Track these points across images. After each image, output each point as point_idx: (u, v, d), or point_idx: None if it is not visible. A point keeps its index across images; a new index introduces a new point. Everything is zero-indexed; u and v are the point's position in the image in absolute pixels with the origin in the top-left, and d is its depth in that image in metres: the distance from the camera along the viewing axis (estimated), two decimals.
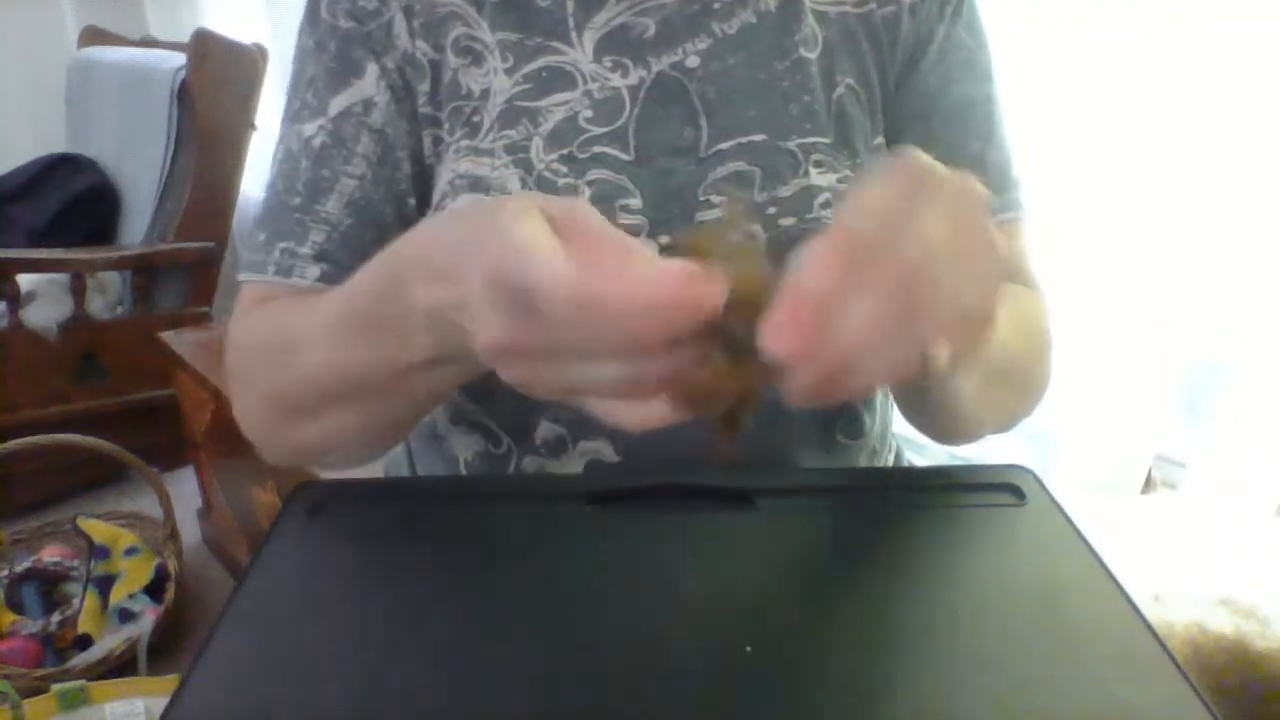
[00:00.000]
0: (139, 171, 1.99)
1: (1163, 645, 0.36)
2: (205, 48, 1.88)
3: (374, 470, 0.80)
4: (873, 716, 0.33)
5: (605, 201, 0.52)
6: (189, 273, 1.94)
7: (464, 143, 0.54)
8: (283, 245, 0.55)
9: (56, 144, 2.17)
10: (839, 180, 0.54)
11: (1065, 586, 0.40)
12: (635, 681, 0.34)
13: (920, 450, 1.61)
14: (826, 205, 0.53)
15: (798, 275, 0.29)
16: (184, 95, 1.89)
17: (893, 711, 0.33)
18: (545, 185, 0.52)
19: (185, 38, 1.91)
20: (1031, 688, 0.34)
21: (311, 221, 0.54)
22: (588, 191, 0.52)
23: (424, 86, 0.55)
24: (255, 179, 2.15)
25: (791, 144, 0.54)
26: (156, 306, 1.91)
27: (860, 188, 0.31)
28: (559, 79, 0.54)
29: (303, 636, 0.37)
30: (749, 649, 0.36)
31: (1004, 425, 0.57)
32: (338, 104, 0.55)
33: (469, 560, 0.43)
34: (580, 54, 0.54)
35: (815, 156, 0.54)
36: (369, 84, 0.55)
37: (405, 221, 0.56)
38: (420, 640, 0.37)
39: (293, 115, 0.57)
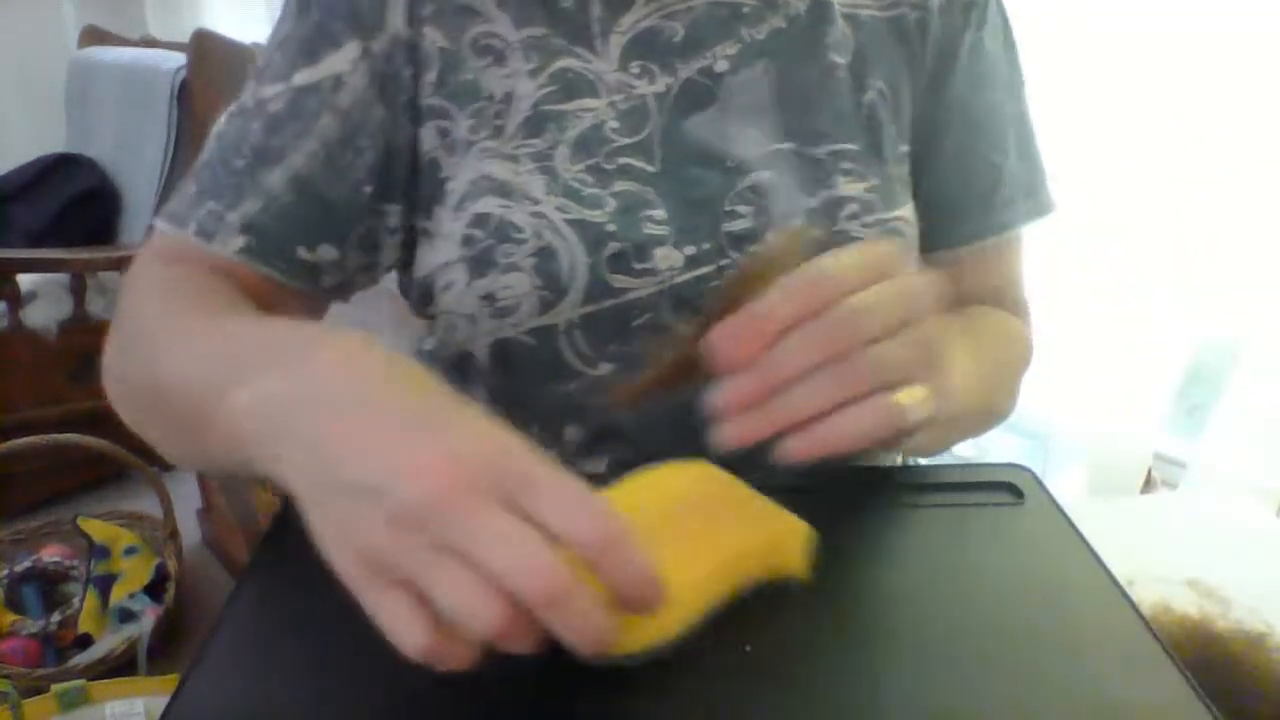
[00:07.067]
0: (139, 171, 1.99)
1: (1163, 645, 0.36)
2: (205, 48, 1.87)
3: None
4: (872, 716, 0.33)
5: (630, 214, 0.51)
6: None
7: (488, 144, 0.52)
8: (211, 205, 0.51)
9: (56, 144, 2.17)
10: (867, 190, 0.53)
11: (1063, 586, 0.40)
12: (635, 681, 0.34)
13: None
14: (854, 216, 0.52)
15: (757, 301, 0.34)
16: (184, 95, 1.89)
17: (892, 711, 0.33)
18: (570, 193, 0.51)
19: (185, 38, 1.90)
20: (1030, 687, 0.34)
21: (249, 189, 0.51)
22: (613, 203, 0.51)
23: (430, 76, 0.52)
24: None
25: (820, 151, 0.53)
26: None
27: (838, 252, 0.36)
28: (582, 85, 0.53)
29: (303, 636, 0.37)
30: (749, 649, 0.36)
31: (972, 436, 0.61)
32: (304, 76, 0.51)
33: None
34: (604, 64, 0.53)
35: (844, 164, 0.53)
36: (343, 61, 0.52)
37: (350, 211, 0.53)
38: None
39: (258, 73, 0.53)
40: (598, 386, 0.53)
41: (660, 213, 0.51)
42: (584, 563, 0.30)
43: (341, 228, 0.53)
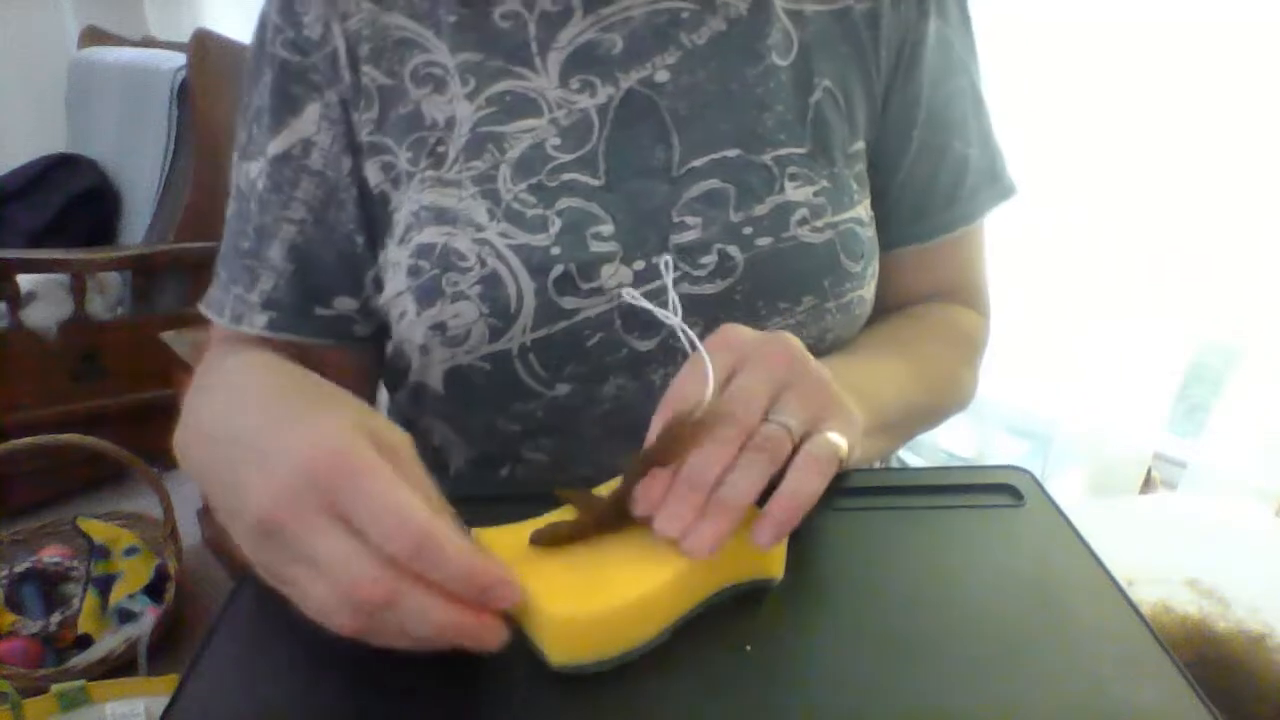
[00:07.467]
0: (139, 171, 1.99)
1: (1162, 645, 0.36)
2: (205, 48, 1.88)
3: None
4: (872, 716, 0.33)
5: (575, 231, 0.50)
6: (189, 273, 1.94)
7: (429, 173, 0.52)
8: (236, 290, 0.56)
9: (56, 144, 2.17)
10: (815, 194, 0.52)
11: (1063, 587, 0.40)
12: (635, 681, 0.34)
13: (917, 450, 1.61)
14: (803, 222, 0.52)
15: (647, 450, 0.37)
16: (184, 95, 1.89)
17: (891, 711, 0.33)
18: (513, 216, 0.50)
19: (185, 38, 1.91)
20: (1030, 688, 0.34)
21: (260, 268, 0.55)
22: (558, 222, 0.50)
23: (370, 114, 0.53)
24: None
25: (766, 158, 0.52)
26: (156, 306, 1.91)
27: (684, 370, 0.40)
28: (523, 105, 0.52)
29: (302, 636, 0.37)
30: (749, 649, 0.36)
31: (920, 434, 0.62)
32: (276, 145, 0.54)
33: None
34: (545, 81, 0.52)
35: (791, 169, 0.52)
36: (308, 123, 0.53)
37: (352, 262, 0.55)
38: None
39: (241, 149, 0.56)
40: (557, 406, 0.53)
41: (607, 228, 0.50)
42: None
43: (350, 278, 0.56)
